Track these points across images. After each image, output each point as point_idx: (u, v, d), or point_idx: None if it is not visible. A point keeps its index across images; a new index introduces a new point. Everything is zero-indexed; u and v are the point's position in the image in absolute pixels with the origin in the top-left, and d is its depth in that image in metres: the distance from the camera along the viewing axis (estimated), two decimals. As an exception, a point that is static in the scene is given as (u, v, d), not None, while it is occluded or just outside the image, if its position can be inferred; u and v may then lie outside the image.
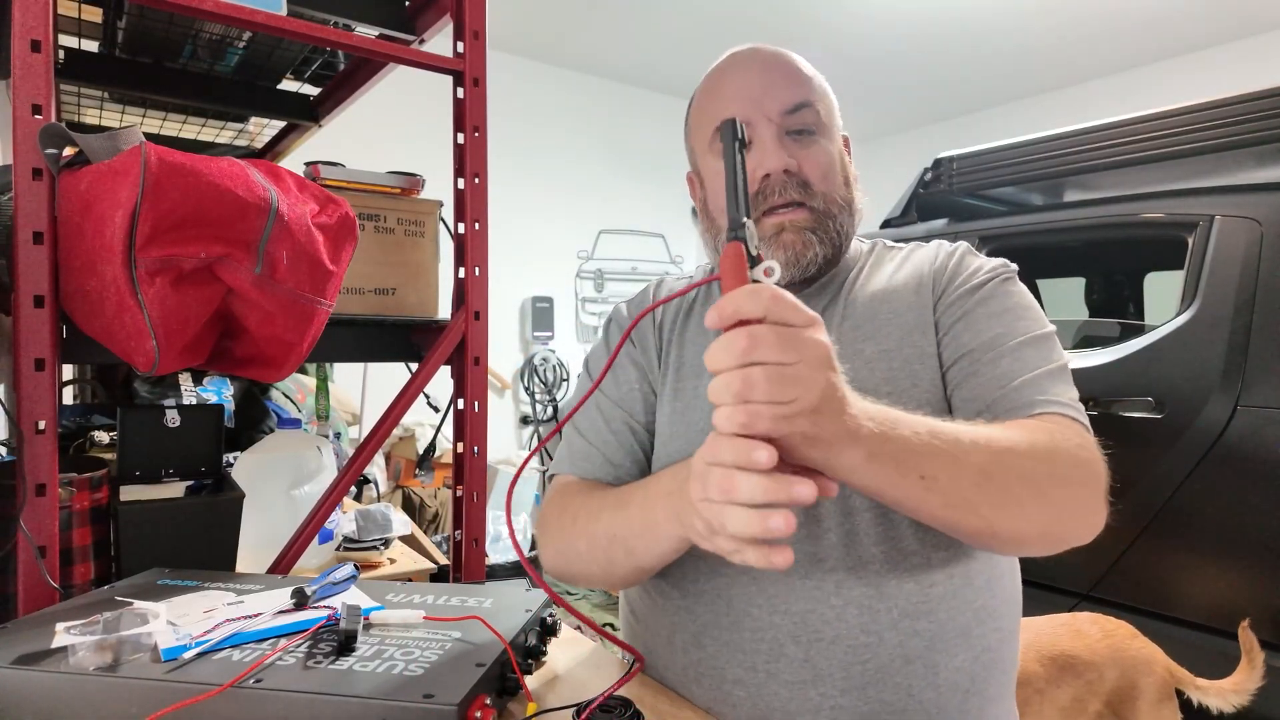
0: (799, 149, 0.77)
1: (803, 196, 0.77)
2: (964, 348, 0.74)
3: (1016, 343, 0.72)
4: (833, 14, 4.03)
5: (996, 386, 0.70)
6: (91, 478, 0.94)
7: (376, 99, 1.66)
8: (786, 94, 0.77)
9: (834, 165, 0.79)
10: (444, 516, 3.32)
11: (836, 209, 0.79)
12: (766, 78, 0.78)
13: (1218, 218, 1.75)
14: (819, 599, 0.70)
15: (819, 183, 0.77)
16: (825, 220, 0.78)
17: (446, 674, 0.61)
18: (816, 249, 0.77)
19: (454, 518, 1.24)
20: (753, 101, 0.77)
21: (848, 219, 0.80)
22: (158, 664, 0.62)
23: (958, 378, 0.73)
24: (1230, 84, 1.94)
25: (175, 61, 1.48)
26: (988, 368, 0.72)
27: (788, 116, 0.77)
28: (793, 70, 0.79)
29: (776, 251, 0.77)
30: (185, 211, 0.80)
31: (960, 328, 0.75)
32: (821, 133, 0.79)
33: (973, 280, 0.78)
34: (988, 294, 0.77)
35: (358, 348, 1.23)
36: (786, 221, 0.77)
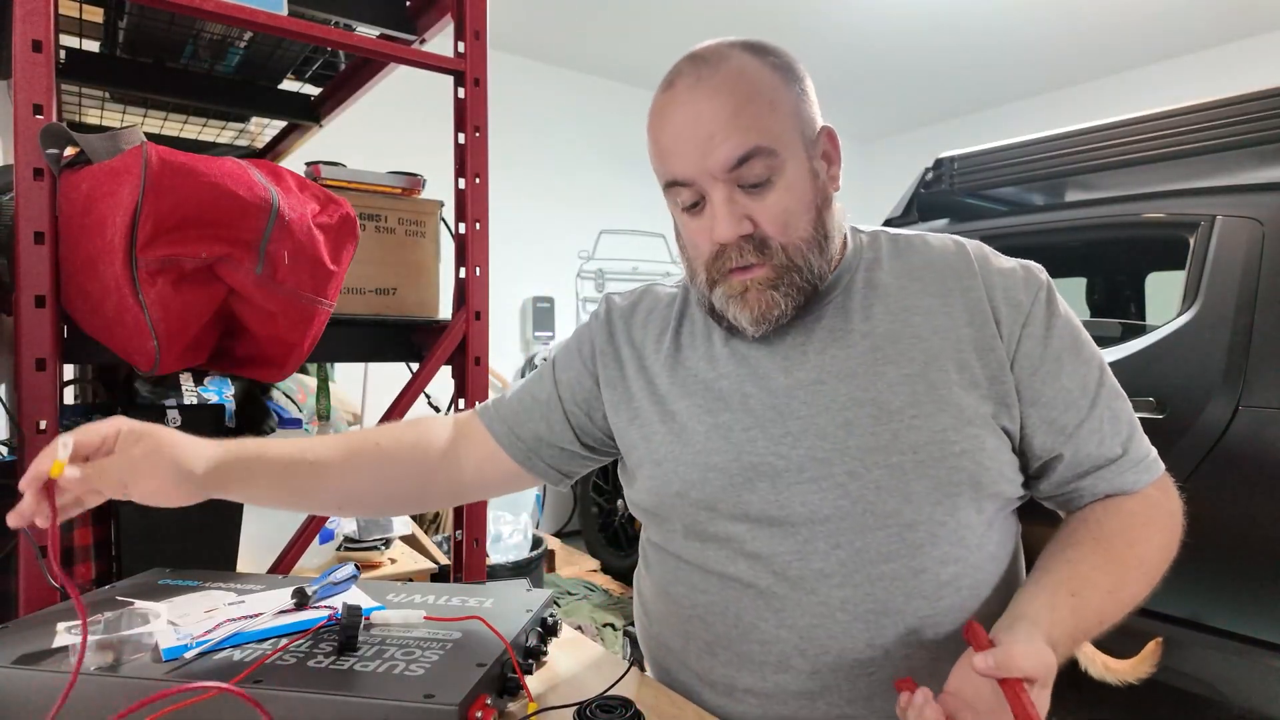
0: (753, 203, 0.70)
1: (761, 258, 0.71)
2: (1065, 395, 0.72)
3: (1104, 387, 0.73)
4: (833, 14, 4.03)
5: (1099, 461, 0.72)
6: (92, 478, 0.93)
7: (377, 99, 1.66)
8: (728, 148, 0.68)
9: (794, 210, 0.72)
10: (445, 516, 3.32)
11: (802, 257, 0.72)
12: (705, 129, 0.69)
13: (1219, 218, 1.74)
14: (824, 614, 0.70)
15: (778, 235, 0.71)
16: (789, 273, 0.72)
17: (447, 674, 0.61)
18: (782, 305, 0.73)
19: (455, 518, 1.24)
20: (694, 159, 0.70)
21: (817, 257, 0.74)
22: (158, 664, 0.62)
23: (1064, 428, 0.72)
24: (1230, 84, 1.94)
25: (176, 61, 1.48)
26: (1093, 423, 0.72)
27: (735, 171, 0.69)
28: (735, 112, 0.69)
29: (743, 310, 0.73)
30: (186, 211, 0.80)
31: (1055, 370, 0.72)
32: (779, 175, 0.70)
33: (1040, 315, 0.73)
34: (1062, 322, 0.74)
35: (359, 348, 1.23)
36: (750, 281, 0.72)
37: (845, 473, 0.70)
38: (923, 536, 0.69)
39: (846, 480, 0.70)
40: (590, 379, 0.87)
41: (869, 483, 0.69)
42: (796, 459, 0.72)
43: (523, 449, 0.87)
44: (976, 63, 4.62)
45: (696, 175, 0.71)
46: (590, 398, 0.87)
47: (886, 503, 0.69)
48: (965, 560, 0.71)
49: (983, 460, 0.69)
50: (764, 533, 0.73)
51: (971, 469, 0.69)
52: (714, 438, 0.76)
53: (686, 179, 0.71)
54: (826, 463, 0.71)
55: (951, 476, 0.69)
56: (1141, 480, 0.73)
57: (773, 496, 0.72)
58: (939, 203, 2.45)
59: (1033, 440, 0.72)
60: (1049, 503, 0.77)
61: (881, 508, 0.69)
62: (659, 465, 0.80)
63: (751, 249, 0.71)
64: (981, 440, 0.69)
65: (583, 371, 0.88)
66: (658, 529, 0.83)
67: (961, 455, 0.69)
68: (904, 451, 0.69)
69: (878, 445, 0.70)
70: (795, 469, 0.72)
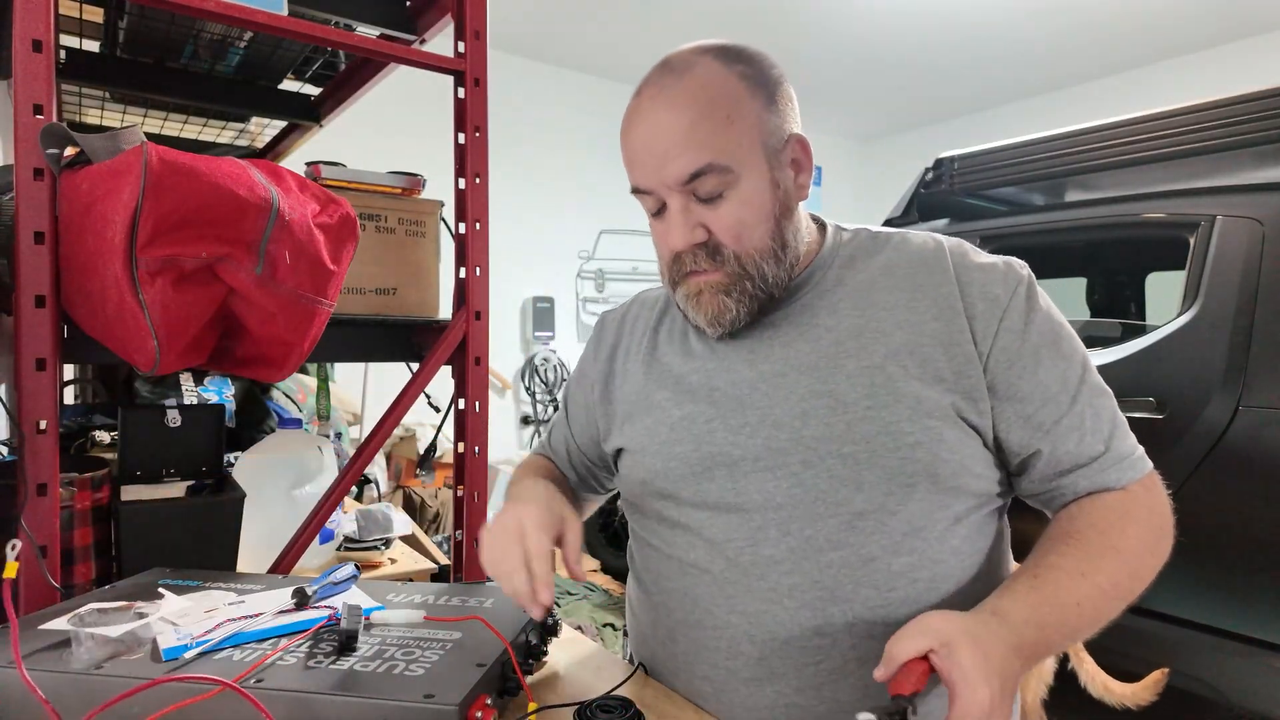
0: (707, 212, 0.73)
1: (713, 264, 0.74)
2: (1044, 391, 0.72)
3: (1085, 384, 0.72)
4: (833, 14, 4.03)
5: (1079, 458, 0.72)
6: (93, 477, 0.94)
7: (378, 99, 1.66)
8: (681, 163, 0.71)
9: (748, 221, 0.73)
10: (445, 516, 3.32)
11: (755, 266, 0.74)
12: (661, 143, 0.71)
13: (1219, 218, 1.74)
14: (773, 600, 0.71)
15: (731, 244, 0.73)
16: (742, 280, 0.74)
17: (447, 674, 0.61)
18: (734, 310, 0.75)
19: (455, 518, 1.24)
20: (652, 172, 0.73)
21: (773, 266, 0.75)
22: (158, 663, 0.62)
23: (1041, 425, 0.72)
24: (1230, 84, 1.94)
25: (176, 61, 1.48)
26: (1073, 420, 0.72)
27: (688, 185, 0.72)
28: (689, 128, 0.70)
29: (697, 312, 0.77)
30: (186, 211, 0.80)
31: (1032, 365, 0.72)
32: (732, 189, 0.72)
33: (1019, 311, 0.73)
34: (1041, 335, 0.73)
35: (359, 348, 1.23)
36: (703, 283, 0.75)
37: (800, 462, 0.72)
38: (872, 525, 0.70)
39: (800, 469, 0.72)
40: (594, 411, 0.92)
41: (822, 471, 0.71)
42: (753, 448, 0.74)
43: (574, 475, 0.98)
44: (976, 62, 4.62)
45: (655, 186, 0.74)
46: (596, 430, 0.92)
47: (838, 491, 0.70)
48: (921, 552, 0.71)
49: (939, 453, 0.69)
50: (721, 520, 0.75)
51: (926, 460, 0.69)
52: (678, 429, 0.80)
53: (646, 188, 0.75)
54: (783, 452, 0.73)
55: (904, 467, 0.69)
56: (1124, 477, 0.72)
57: (730, 485, 0.75)
58: (939, 203, 2.45)
59: (1009, 436, 0.72)
60: (1032, 501, 0.77)
61: (833, 496, 0.70)
62: (631, 455, 0.84)
63: (705, 255, 0.74)
64: (938, 432, 0.69)
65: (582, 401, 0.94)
66: (635, 518, 0.87)
67: (915, 447, 0.69)
68: (856, 441, 0.70)
69: (832, 435, 0.71)
70: (751, 458, 0.74)
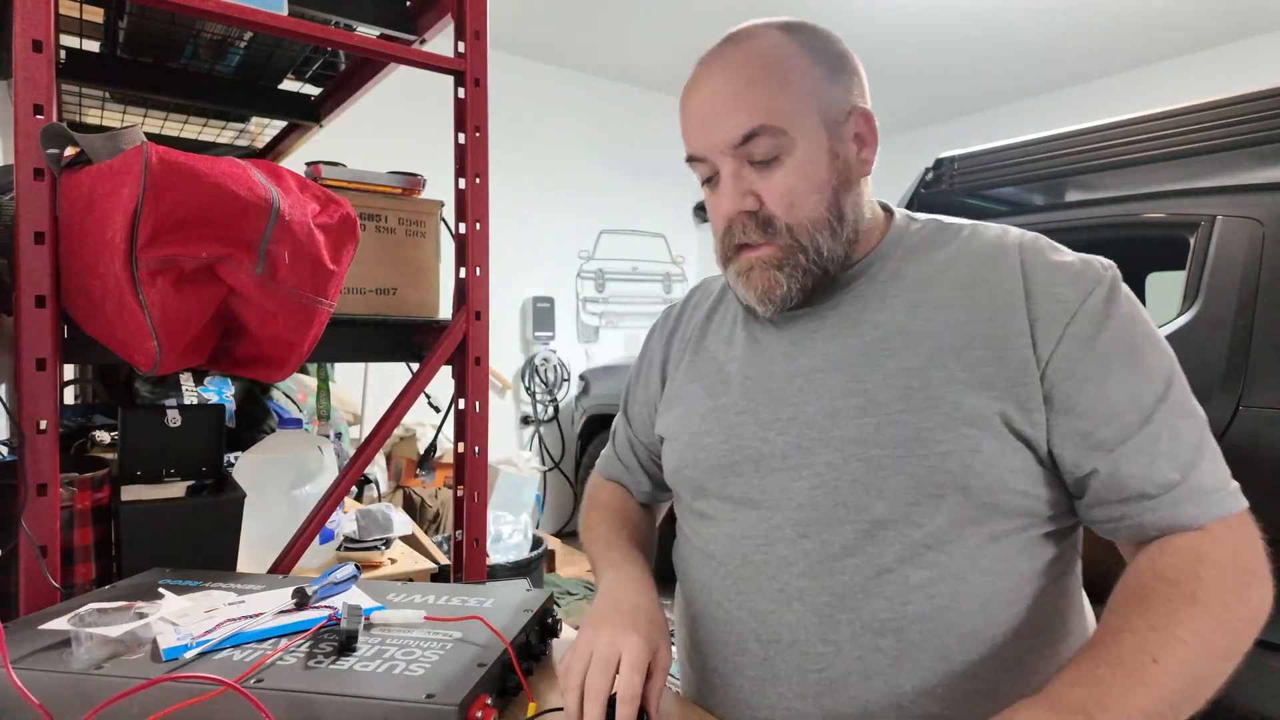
0: (759, 180, 0.71)
1: (764, 236, 0.72)
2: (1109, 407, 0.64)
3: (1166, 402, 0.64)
4: (833, 14, 4.03)
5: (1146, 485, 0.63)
6: (93, 477, 0.94)
7: (378, 99, 1.66)
8: (733, 124, 0.70)
9: (801, 190, 0.71)
10: (445, 516, 3.32)
11: (809, 238, 0.71)
12: (715, 107, 0.71)
13: (1219, 218, 1.74)
14: (781, 601, 0.70)
15: (783, 215, 0.71)
16: (794, 254, 0.72)
17: (447, 674, 0.61)
18: (785, 285, 0.72)
19: (455, 518, 1.24)
20: (704, 136, 0.72)
21: (828, 239, 0.72)
22: (158, 663, 0.62)
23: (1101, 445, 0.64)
24: (1230, 84, 1.93)
25: (176, 61, 1.48)
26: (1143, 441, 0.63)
27: (741, 148, 0.70)
28: (745, 89, 0.70)
29: (748, 289, 0.74)
30: (186, 211, 0.80)
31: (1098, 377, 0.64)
32: (787, 154, 0.70)
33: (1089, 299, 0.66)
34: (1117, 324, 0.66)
35: (359, 348, 1.23)
36: (754, 259, 0.73)
37: (824, 463, 0.70)
38: (892, 535, 0.66)
39: (824, 470, 0.69)
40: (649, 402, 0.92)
41: (845, 474, 0.68)
42: (781, 445, 0.73)
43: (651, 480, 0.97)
44: (976, 62, 4.61)
45: (707, 151, 0.73)
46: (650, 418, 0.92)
47: (860, 497, 0.67)
48: (943, 567, 0.66)
49: (973, 464, 0.64)
50: (742, 515, 0.75)
51: (957, 471, 0.65)
52: (709, 419, 0.79)
53: (699, 154, 0.74)
54: (809, 451, 0.71)
55: (932, 476, 0.65)
56: (1204, 515, 0.62)
57: (754, 480, 0.74)
58: (939, 203, 2.45)
59: (1063, 453, 0.66)
60: (1097, 529, 0.69)
61: (854, 501, 0.68)
62: (668, 443, 0.84)
63: (755, 226, 0.72)
64: (976, 442, 0.65)
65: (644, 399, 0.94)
66: (675, 505, 0.88)
67: (946, 456, 0.65)
68: (883, 445, 0.67)
69: (859, 437, 0.68)
70: (779, 455, 0.73)
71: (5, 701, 0.60)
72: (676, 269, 5.31)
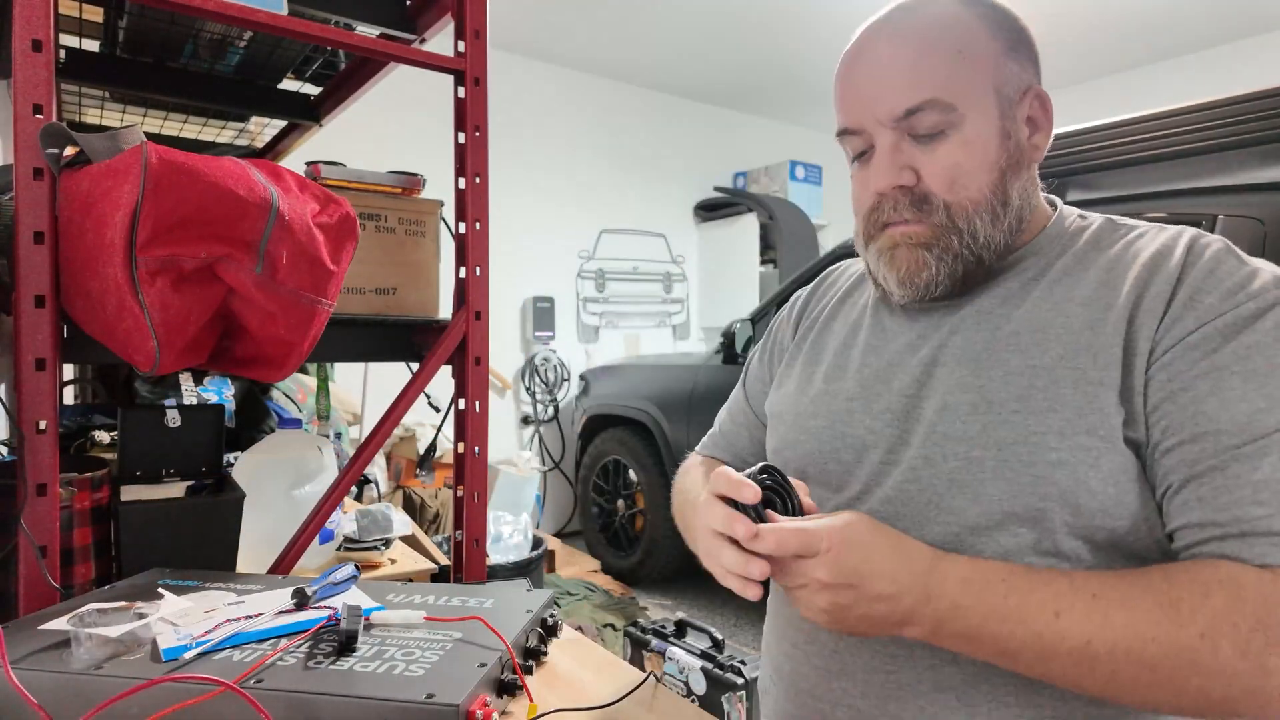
0: (921, 154, 0.66)
1: (917, 214, 0.67)
2: (1208, 423, 0.55)
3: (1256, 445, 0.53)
4: (833, 14, 4.03)
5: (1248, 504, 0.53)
6: (92, 477, 0.94)
7: (377, 98, 1.66)
8: (900, 97, 0.65)
9: (967, 168, 0.65)
10: (445, 517, 3.32)
11: (966, 219, 0.66)
12: (880, 76, 0.67)
13: (1221, 217, 1.74)
14: None
15: (943, 192, 0.66)
16: (948, 235, 0.66)
17: (447, 674, 0.61)
18: (933, 267, 0.67)
19: (455, 518, 1.24)
20: (864, 108, 0.68)
21: (989, 223, 0.66)
22: (158, 664, 0.62)
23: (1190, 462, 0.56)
24: (1230, 84, 1.93)
25: (176, 61, 1.48)
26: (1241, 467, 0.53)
27: (905, 120, 0.66)
28: (915, 60, 0.65)
29: (890, 270, 0.69)
30: (186, 211, 0.80)
31: (1205, 389, 0.56)
32: (954, 129, 0.65)
33: (1231, 311, 0.57)
34: (1256, 340, 0.55)
35: (358, 348, 1.23)
36: (899, 235, 0.68)
37: (922, 458, 0.65)
38: (984, 545, 0.60)
39: (922, 466, 0.65)
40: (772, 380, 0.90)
41: (942, 473, 0.63)
42: (887, 437, 0.69)
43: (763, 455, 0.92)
44: (977, 63, 4.61)
45: (865, 122, 0.68)
46: None
47: (954, 499, 0.62)
48: None
49: (1088, 480, 0.57)
50: (833, 501, 0.72)
51: (1067, 485, 0.58)
52: (819, 402, 0.76)
53: (855, 126, 0.69)
54: (910, 445, 0.67)
55: (1036, 487, 0.59)
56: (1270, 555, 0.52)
57: (853, 469, 0.71)
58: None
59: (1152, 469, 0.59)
60: None
61: (946, 503, 0.63)
62: (772, 421, 0.83)
63: (908, 203, 0.67)
64: (1095, 457, 0.57)
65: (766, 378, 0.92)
66: None
67: (1057, 466, 0.58)
68: (988, 446, 0.61)
69: (964, 435, 0.63)
70: (882, 447, 0.69)
71: (5, 702, 0.60)
72: (676, 269, 5.31)
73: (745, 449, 0.93)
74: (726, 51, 4.46)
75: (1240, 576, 0.52)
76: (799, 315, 0.90)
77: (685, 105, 5.33)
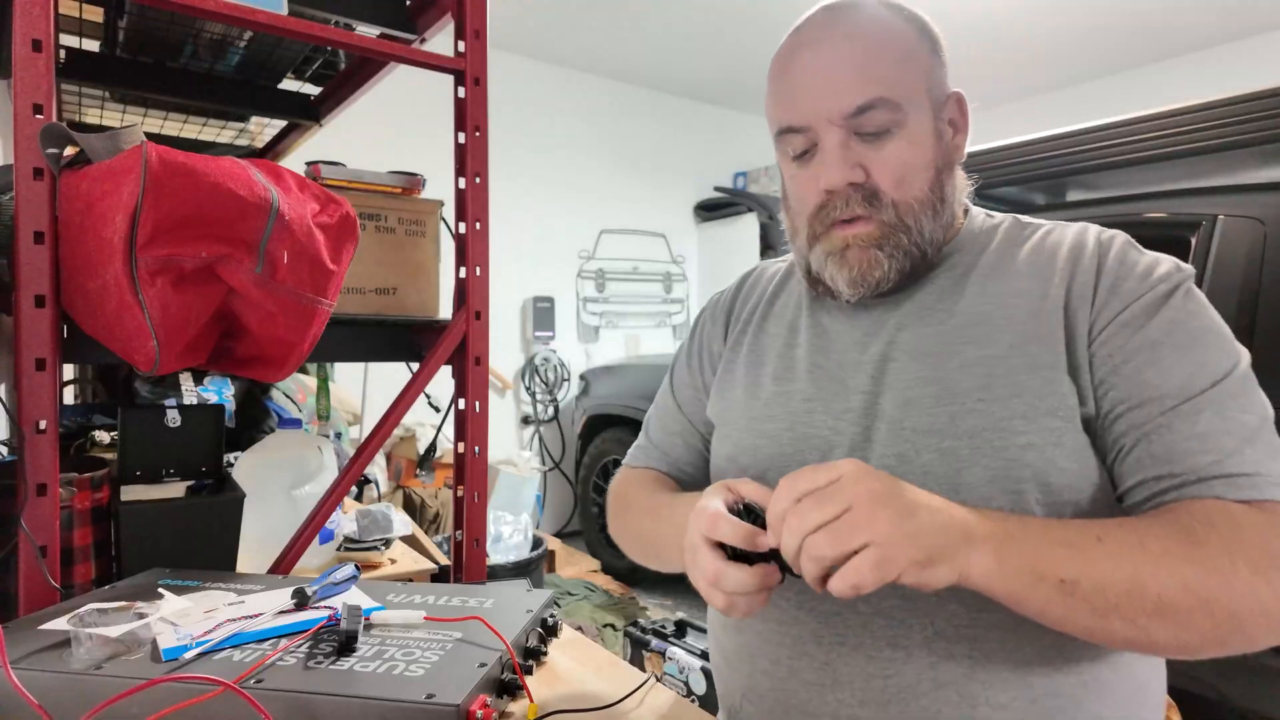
0: (869, 151, 0.68)
1: (869, 210, 0.68)
2: (1150, 390, 0.61)
3: (1216, 390, 0.60)
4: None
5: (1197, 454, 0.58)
6: (92, 477, 0.94)
7: (378, 98, 1.66)
8: (850, 94, 0.66)
9: (912, 165, 0.68)
10: (445, 517, 3.32)
11: (914, 216, 0.69)
12: (829, 73, 0.67)
13: (1221, 217, 1.74)
14: (846, 603, 0.66)
15: (891, 190, 0.68)
16: (897, 233, 0.68)
17: (447, 674, 0.61)
18: (885, 266, 0.69)
19: (455, 518, 1.24)
20: (812, 103, 0.68)
21: (931, 220, 0.69)
22: (158, 664, 0.62)
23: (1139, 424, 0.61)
24: (1230, 84, 1.93)
25: (176, 61, 1.48)
26: (1183, 424, 0.59)
27: (854, 119, 0.67)
28: (862, 59, 0.67)
29: (841, 269, 0.70)
30: (186, 211, 0.80)
31: (1143, 361, 0.62)
32: (900, 128, 0.67)
33: (1149, 293, 0.64)
34: (1173, 316, 0.63)
35: (358, 348, 1.23)
36: (851, 236, 0.69)
37: (895, 455, 0.66)
38: None
39: (895, 463, 0.66)
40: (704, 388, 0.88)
41: (917, 467, 0.65)
42: (851, 436, 0.69)
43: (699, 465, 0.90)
44: (977, 62, 4.61)
45: (812, 120, 0.68)
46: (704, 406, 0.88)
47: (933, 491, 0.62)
48: None
49: (1056, 459, 0.61)
50: None
51: (1038, 465, 0.61)
52: (773, 405, 0.75)
53: (801, 124, 0.70)
54: (879, 443, 0.67)
55: (1010, 470, 0.62)
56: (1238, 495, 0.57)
57: None
58: (939, 202, 2.45)
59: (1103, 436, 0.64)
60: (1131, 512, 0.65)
61: None
62: (723, 428, 0.81)
63: (860, 199, 0.68)
64: (1059, 436, 0.61)
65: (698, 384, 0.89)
66: None
67: (1027, 448, 0.61)
68: (959, 436, 0.63)
69: (933, 428, 0.65)
70: (847, 446, 0.69)
71: (5, 701, 0.60)
72: (676, 269, 5.31)
73: (681, 458, 0.90)
74: (727, 51, 4.46)
75: (1228, 508, 0.56)
76: (725, 319, 0.89)
77: (685, 105, 5.33)
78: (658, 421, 0.94)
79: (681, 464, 0.90)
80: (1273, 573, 0.53)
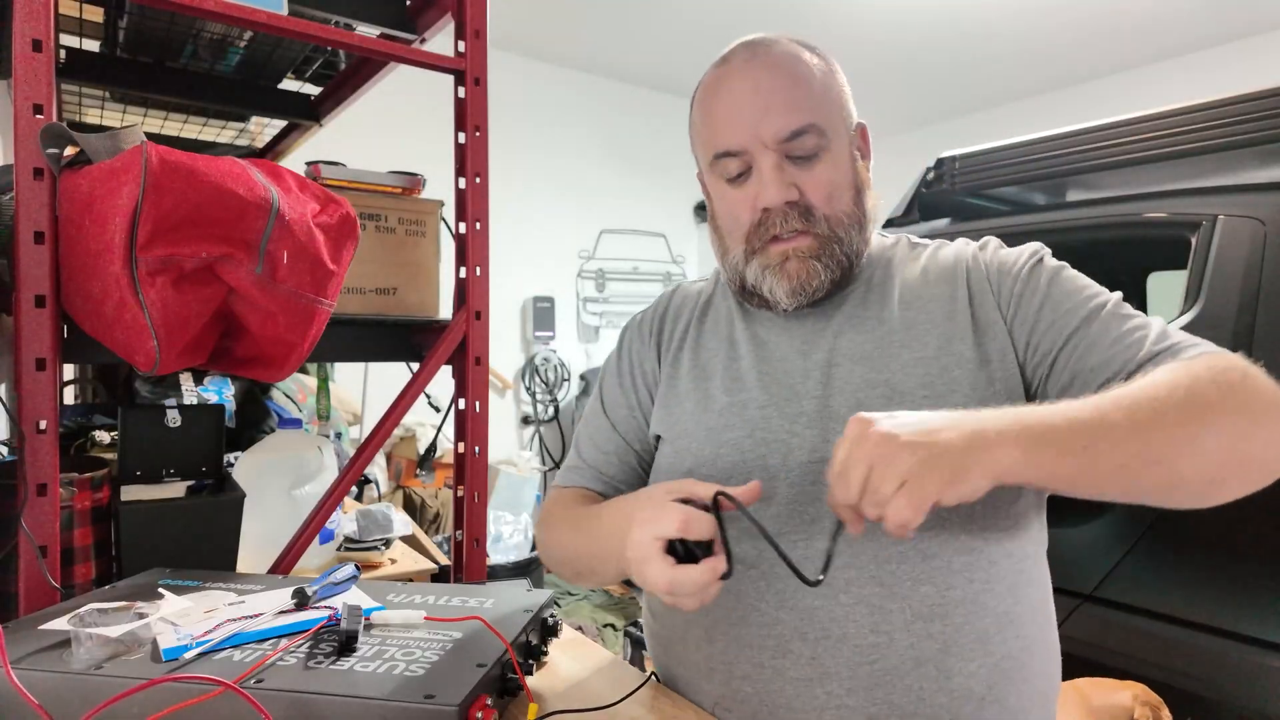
0: (801, 173, 0.75)
1: (805, 225, 0.75)
2: (1067, 327, 0.71)
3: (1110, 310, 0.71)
4: (834, 14, 4.03)
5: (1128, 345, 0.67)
6: (93, 477, 0.94)
7: (378, 98, 1.66)
8: (783, 120, 0.73)
9: (839, 185, 0.76)
10: (445, 517, 3.32)
11: (843, 229, 0.76)
12: (762, 100, 0.74)
13: (1221, 217, 1.74)
14: (828, 596, 0.70)
15: (822, 206, 0.75)
16: (831, 245, 0.76)
17: (447, 674, 0.61)
18: (822, 275, 0.76)
19: (455, 518, 1.24)
20: (748, 128, 0.74)
21: (857, 234, 0.78)
22: (158, 664, 0.62)
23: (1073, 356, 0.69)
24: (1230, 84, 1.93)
25: (176, 61, 1.48)
26: (1102, 332, 0.69)
27: (787, 143, 0.74)
28: (790, 88, 0.74)
29: (781, 280, 0.76)
30: (186, 211, 0.80)
31: (1048, 312, 0.72)
32: (826, 152, 0.75)
33: (1026, 266, 0.76)
34: (1051, 275, 0.75)
35: (359, 348, 1.23)
36: (790, 250, 0.75)
37: None
38: (932, 519, 0.66)
39: None
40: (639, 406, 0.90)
41: None
42: (809, 439, 0.73)
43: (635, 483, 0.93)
44: (976, 62, 4.61)
45: (748, 144, 0.74)
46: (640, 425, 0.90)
47: None
48: (979, 551, 0.70)
49: None
50: (769, 511, 0.73)
51: None
52: (728, 414, 0.79)
53: (737, 148, 0.75)
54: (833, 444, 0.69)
55: None
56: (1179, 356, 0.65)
57: (782, 474, 0.73)
58: (940, 202, 2.45)
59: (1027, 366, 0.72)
60: None
61: None
62: (675, 442, 0.82)
63: (796, 215, 0.75)
64: None
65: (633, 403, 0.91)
66: None
67: None
68: None
69: None
70: (807, 448, 0.73)
71: (5, 701, 0.60)
72: (677, 269, 5.31)
73: (616, 475, 0.91)
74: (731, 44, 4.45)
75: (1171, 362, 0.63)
76: (656, 339, 0.91)
77: (685, 105, 5.31)
78: (589, 441, 0.94)
79: (616, 481, 0.91)
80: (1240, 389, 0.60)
